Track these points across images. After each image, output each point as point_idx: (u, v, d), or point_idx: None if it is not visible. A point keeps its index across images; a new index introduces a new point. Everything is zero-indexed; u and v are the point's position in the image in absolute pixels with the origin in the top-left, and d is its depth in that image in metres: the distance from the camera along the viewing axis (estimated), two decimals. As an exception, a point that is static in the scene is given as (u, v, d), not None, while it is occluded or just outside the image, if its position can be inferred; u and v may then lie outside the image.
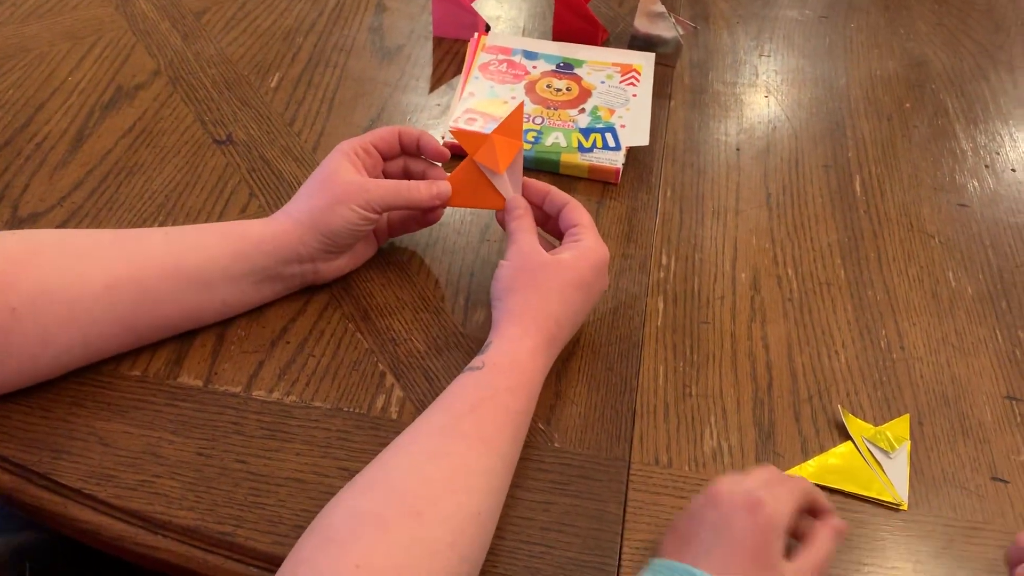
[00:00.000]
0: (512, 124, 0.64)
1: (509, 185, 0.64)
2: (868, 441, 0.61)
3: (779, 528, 0.49)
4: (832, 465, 0.59)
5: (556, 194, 0.65)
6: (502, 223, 0.65)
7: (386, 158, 0.67)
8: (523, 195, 0.65)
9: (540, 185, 0.65)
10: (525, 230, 0.62)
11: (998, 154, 0.85)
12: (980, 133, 0.87)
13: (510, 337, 0.58)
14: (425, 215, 0.67)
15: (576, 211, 0.63)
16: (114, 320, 0.58)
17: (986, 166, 0.84)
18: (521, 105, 0.65)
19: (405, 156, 0.67)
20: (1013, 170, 0.84)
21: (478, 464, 0.51)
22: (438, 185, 0.64)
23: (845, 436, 0.61)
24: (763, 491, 0.50)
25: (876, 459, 0.60)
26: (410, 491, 0.48)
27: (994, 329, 0.69)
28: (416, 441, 0.52)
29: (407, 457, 0.51)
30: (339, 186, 0.62)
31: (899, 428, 0.62)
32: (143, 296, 0.58)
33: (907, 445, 0.61)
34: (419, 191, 0.63)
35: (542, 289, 0.59)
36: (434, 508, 0.48)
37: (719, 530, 0.49)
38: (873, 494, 0.58)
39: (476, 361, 0.56)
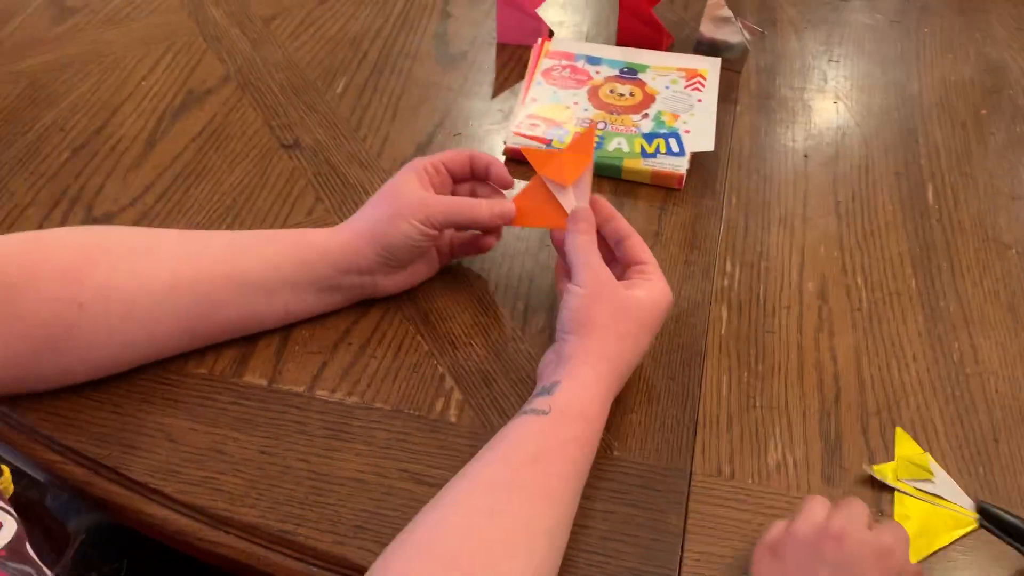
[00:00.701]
0: (583, 142, 0.63)
1: (574, 200, 0.63)
2: (908, 481, 0.58)
3: None
4: (914, 531, 0.55)
5: (621, 222, 0.62)
6: (558, 243, 0.62)
7: (456, 180, 0.66)
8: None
9: (607, 207, 0.62)
10: (594, 251, 0.60)
11: (1080, 163, 0.82)
12: (1061, 141, 0.84)
13: (582, 381, 0.55)
14: (482, 239, 0.67)
15: (643, 247, 0.61)
16: (176, 320, 0.59)
17: (1067, 175, 0.81)
18: (593, 125, 0.64)
19: (474, 181, 0.67)
20: (1096, 179, 0.81)
21: (540, 524, 0.49)
22: (501, 205, 0.64)
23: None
24: (891, 538, 0.48)
25: (931, 493, 0.57)
26: (466, 555, 0.46)
27: (1075, 344, 0.67)
28: (474, 495, 0.49)
29: (463, 513, 0.48)
30: (401, 200, 0.62)
31: (906, 448, 0.59)
32: (205, 299, 0.59)
33: (929, 458, 0.59)
34: (480, 209, 0.63)
35: (620, 329, 0.57)
36: (490, 574, 0.45)
37: (843, 571, 0.47)
38: (963, 530, 0.55)
39: (541, 403, 0.53)
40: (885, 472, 0.58)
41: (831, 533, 0.48)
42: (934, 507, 0.56)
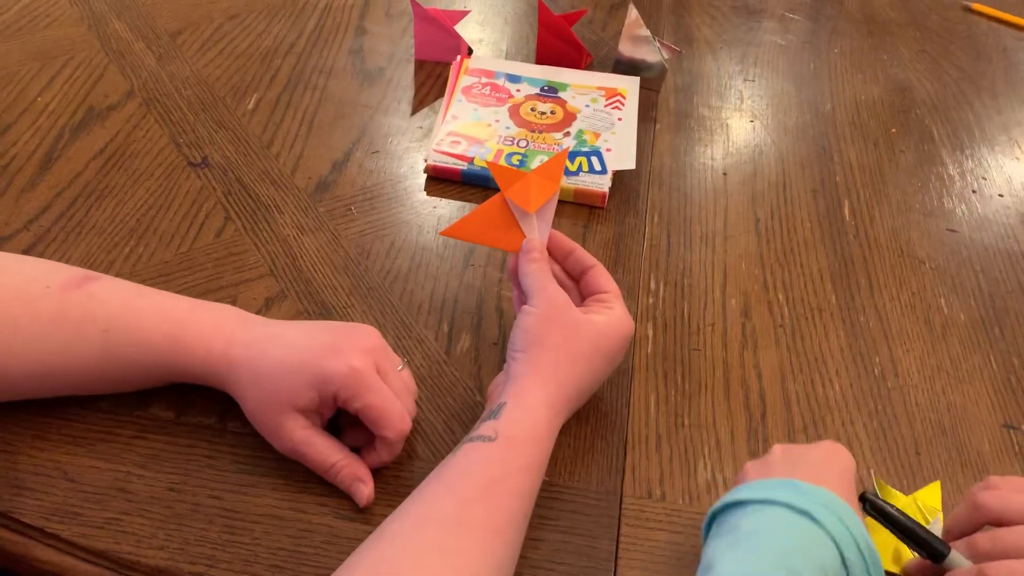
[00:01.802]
0: (553, 167, 0.61)
1: (536, 228, 0.60)
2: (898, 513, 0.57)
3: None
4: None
5: (582, 254, 0.60)
6: (512, 271, 0.60)
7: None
8: (547, 246, 0.61)
9: (566, 240, 0.61)
10: (548, 277, 0.58)
11: (985, 179, 0.85)
12: (966, 159, 0.87)
13: (530, 404, 0.52)
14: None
15: (606, 277, 0.60)
16: (39, 393, 0.57)
17: (973, 191, 0.83)
18: (565, 151, 0.63)
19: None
20: (1000, 195, 0.83)
21: (488, 563, 0.46)
22: (359, 491, 0.54)
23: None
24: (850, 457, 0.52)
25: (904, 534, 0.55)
26: None
27: (988, 356, 0.68)
28: (422, 531, 0.47)
29: (412, 553, 0.46)
30: (281, 426, 0.54)
31: (930, 497, 0.58)
32: (74, 386, 0.57)
33: (940, 518, 0.57)
34: (339, 480, 0.55)
35: (574, 350, 0.55)
36: None
37: (797, 458, 0.50)
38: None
39: (487, 428, 0.51)
40: (886, 494, 0.58)
41: (776, 449, 0.52)
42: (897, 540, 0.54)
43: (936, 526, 0.56)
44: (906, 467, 0.60)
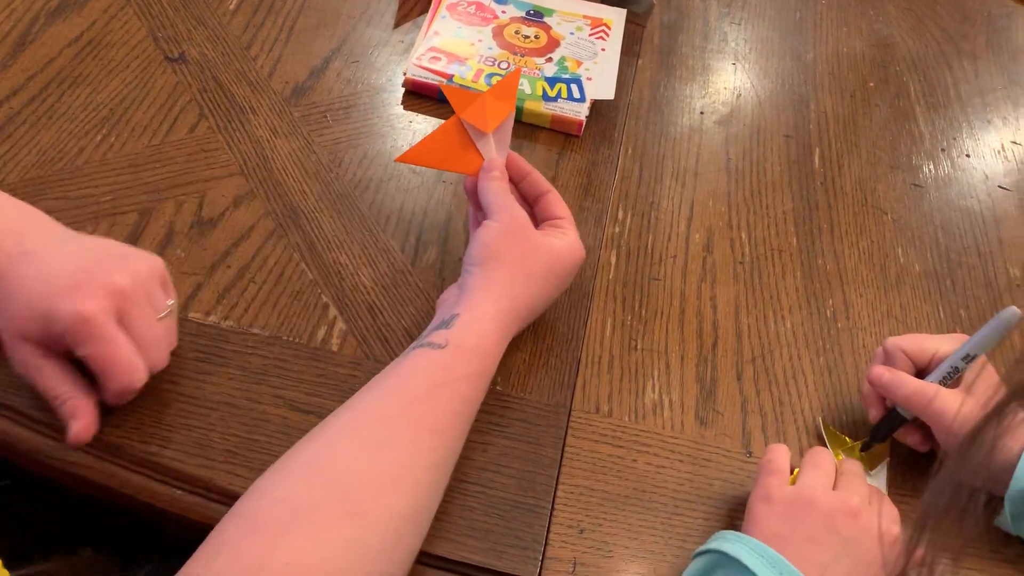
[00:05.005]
0: (506, 87, 0.61)
1: (494, 148, 0.60)
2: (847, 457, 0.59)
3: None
4: None
5: (538, 178, 0.61)
6: (471, 191, 0.60)
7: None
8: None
9: (523, 163, 0.61)
10: (509, 194, 0.58)
11: (954, 139, 0.86)
12: (939, 118, 0.88)
13: (481, 317, 0.53)
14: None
15: (561, 203, 0.60)
16: None
17: (942, 150, 0.85)
18: (518, 71, 0.62)
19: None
20: (967, 156, 0.85)
21: (425, 459, 0.47)
22: (69, 428, 0.49)
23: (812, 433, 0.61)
24: (896, 527, 0.51)
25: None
26: (352, 485, 0.44)
27: (937, 306, 0.70)
28: (362, 426, 0.48)
29: (350, 443, 0.46)
30: (15, 349, 0.49)
31: (879, 448, 0.60)
32: None
33: (886, 463, 0.59)
34: (60, 412, 0.50)
35: (529, 269, 0.56)
36: (375, 507, 0.44)
37: (851, 546, 0.49)
38: None
39: (438, 337, 0.52)
40: (833, 438, 0.60)
41: (849, 509, 0.50)
42: None
43: (881, 473, 0.59)
44: (847, 404, 0.62)
